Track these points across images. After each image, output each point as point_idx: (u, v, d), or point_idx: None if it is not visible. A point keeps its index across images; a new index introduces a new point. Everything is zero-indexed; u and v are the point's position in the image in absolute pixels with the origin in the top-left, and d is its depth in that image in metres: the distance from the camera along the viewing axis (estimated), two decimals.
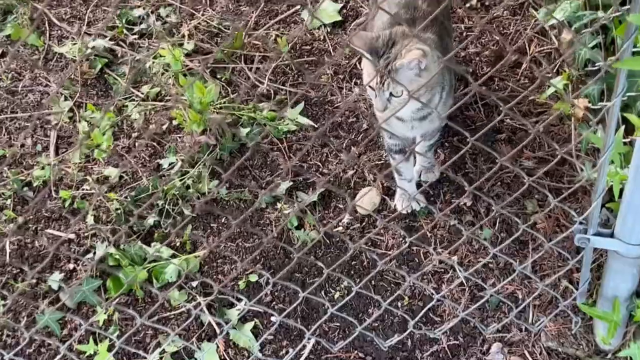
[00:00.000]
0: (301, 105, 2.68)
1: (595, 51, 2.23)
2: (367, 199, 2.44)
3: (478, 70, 2.74)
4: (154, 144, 2.64)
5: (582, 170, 2.29)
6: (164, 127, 2.66)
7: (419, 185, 2.45)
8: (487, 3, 2.93)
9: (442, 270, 2.32)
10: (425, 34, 2.09)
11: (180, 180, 2.49)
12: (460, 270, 2.20)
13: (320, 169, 2.55)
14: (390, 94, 1.91)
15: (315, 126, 2.64)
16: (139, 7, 3.01)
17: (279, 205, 2.46)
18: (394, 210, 2.43)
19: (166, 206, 2.46)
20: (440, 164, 2.48)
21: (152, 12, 2.99)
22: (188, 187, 2.48)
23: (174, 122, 2.66)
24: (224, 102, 2.67)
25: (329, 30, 2.90)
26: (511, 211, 2.36)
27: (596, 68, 2.19)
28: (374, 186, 2.46)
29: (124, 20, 2.94)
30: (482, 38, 2.84)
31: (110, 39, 2.89)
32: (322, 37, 2.90)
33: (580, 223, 1.81)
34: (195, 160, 2.55)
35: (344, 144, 2.60)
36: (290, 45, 2.86)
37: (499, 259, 2.28)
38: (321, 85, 2.76)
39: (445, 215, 2.38)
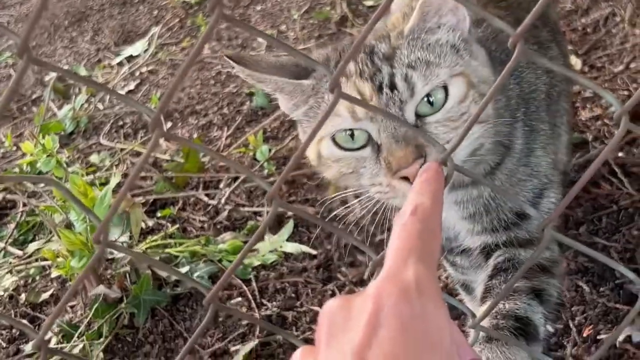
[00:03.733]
0: (290, 226, 1.48)
1: None
2: None
3: (603, 136, 1.53)
4: (24, 320, 1.45)
5: None
6: (47, 294, 1.48)
7: None
8: (598, 65, 1.80)
9: None
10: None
11: None
12: None
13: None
14: (416, 114, 0.80)
15: (314, 253, 1.42)
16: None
17: None
18: None
19: None
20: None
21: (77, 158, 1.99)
22: None
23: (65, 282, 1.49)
24: (155, 240, 1.51)
25: None
26: None
27: None
28: None
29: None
30: (596, 100, 1.67)
31: (4, 189, 1.85)
32: None
33: None
34: (86, 329, 1.33)
35: (365, 274, 1.34)
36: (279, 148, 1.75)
37: None
38: (325, 198, 1.58)
39: None
